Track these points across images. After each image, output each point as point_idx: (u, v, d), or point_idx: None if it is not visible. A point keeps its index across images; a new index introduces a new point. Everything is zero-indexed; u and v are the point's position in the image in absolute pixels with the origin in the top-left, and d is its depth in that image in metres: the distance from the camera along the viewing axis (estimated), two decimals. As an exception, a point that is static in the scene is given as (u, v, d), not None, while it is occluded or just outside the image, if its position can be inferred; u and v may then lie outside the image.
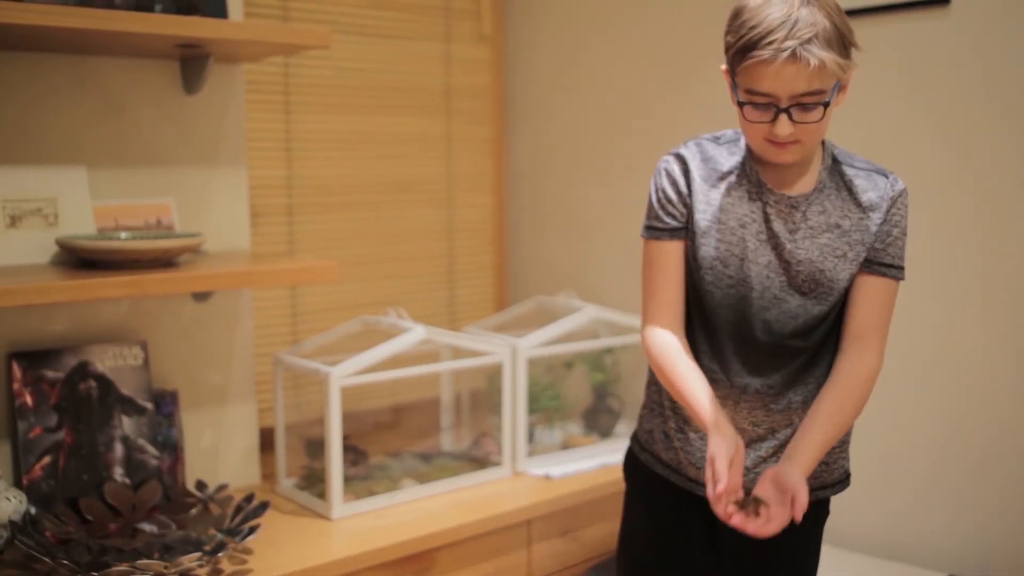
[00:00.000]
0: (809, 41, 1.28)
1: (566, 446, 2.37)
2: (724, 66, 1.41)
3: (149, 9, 1.85)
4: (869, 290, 1.45)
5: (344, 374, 1.95)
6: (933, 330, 2.13)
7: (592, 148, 2.79)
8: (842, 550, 2.20)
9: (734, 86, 1.37)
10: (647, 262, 1.52)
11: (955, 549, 2.11)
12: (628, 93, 2.67)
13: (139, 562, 1.60)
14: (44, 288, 1.58)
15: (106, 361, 1.91)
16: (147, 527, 1.79)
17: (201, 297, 2.07)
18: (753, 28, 1.31)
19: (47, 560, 1.60)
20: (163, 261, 1.80)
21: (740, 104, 1.37)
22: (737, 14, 1.35)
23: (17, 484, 1.82)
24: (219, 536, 1.73)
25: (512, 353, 2.21)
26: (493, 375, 2.32)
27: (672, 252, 1.49)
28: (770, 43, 1.29)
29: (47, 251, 1.86)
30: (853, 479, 2.23)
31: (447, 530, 1.93)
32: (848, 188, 1.45)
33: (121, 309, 1.98)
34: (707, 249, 1.46)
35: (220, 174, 2.10)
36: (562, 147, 2.88)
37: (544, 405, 2.37)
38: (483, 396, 2.42)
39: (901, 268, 1.46)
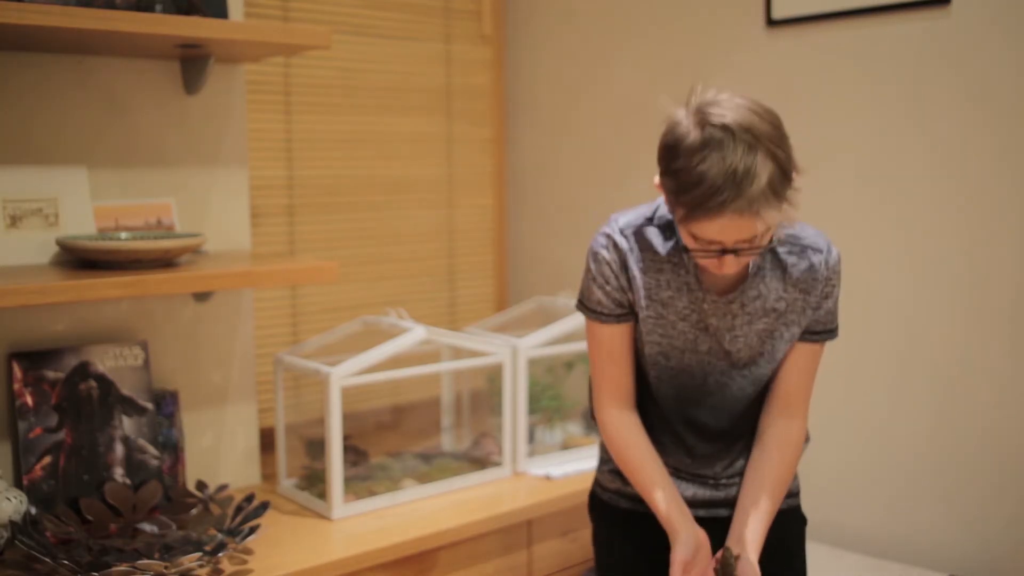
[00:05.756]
0: (753, 198, 1.23)
1: (566, 446, 2.37)
2: (657, 181, 1.35)
3: (149, 9, 1.85)
4: (799, 357, 1.49)
5: (344, 374, 1.95)
6: (945, 336, 2.13)
7: (592, 148, 2.79)
8: (842, 550, 2.20)
9: (673, 203, 1.31)
10: (594, 341, 1.51)
11: (956, 549, 2.11)
12: (628, 93, 2.67)
13: (139, 562, 1.60)
14: (44, 288, 1.58)
15: (106, 361, 1.91)
16: (147, 527, 1.79)
17: (202, 297, 2.07)
18: (696, 185, 1.24)
19: (47, 560, 1.60)
20: (164, 261, 1.80)
21: (685, 243, 1.35)
22: (672, 153, 1.29)
23: (17, 484, 1.82)
24: (219, 536, 1.73)
25: (512, 353, 2.21)
26: (493, 375, 2.32)
27: (619, 335, 1.49)
28: (714, 205, 1.23)
29: (47, 251, 1.86)
30: (856, 478, 2.24)
31: (447, 530, 1.93)
32: (783, 268, 1.45)
33: (122, 309, 1.98)
34: (651, 346, 1.48)
35: (221, 174, 2.10)
36: (562, 147, 2.88)
37: (544, 405, 2.38)
38: (483, 396, 2.42)
39: (833, 330, 1.51)
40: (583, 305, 1.52)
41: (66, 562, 1.58)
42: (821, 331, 1.48)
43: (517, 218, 3.01)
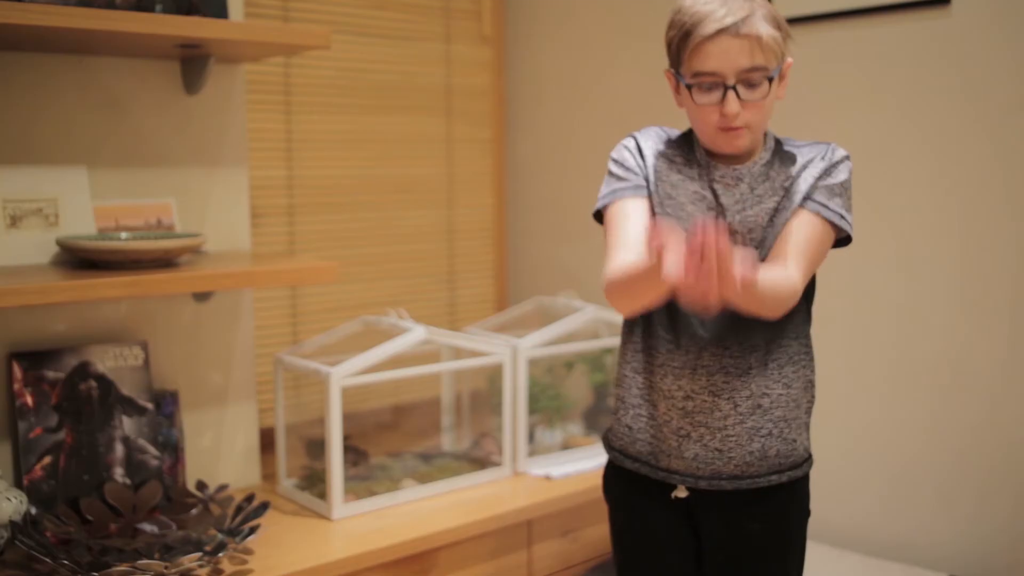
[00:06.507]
0: (747, 18, 1.38)
1: (566, 446, 2.37)
2: (666, 68, 1.48)
3: (149, 9, 1.86)
4: (795, 220, 1.45)
5: (345, 374, 1.95)
6: (943, 335, 2.13)
7: (592, 148, 2.79)
8: (841, 550, 2.20)
9: (678, 79, 1.45)
10: (611, 222, 1.50)
11: (955, 549, 2.11)
12: (628, 93, 2.67)
13: (139, 562, 1.60)
14: (44, 288, 1.58)
15: (107, 361, 1.91)
16: (147, 527, 1.79)
17: (202, 297, 2.07)
18: (693, 15, 1.41)
19: (48, 560, 1.60)
20: (164, 261, 1.80)
21: (688, 88, 1.43)
22: (676, 12, 1.46)
23: (17, 484, 1.82)
24: (219, 536, 1.73)
25: (512, 353, 2.21)
26: (493, 375, 2.32)
27: (638, 206, 1.50)
28: (711, 22, 1.38)
29: (47, 251, 1.86)
30: (855, 478, 2.24)
31: (447, 530, 1.93)
32: (791, 159, 1.51)
33: (122, 309, 1.98)
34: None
35: (221, 174, 2.10)
36: (562, 147, 2.88)
37: (544, 405, 2.37)
38: (483, 396, 2.42)
39: (835, 213, 1.45)
40: (604, 196, 1.52)
41: (66, 562, 1.58)
42: (822, 203, 1.45)
43: (517, 218, 3.01)
